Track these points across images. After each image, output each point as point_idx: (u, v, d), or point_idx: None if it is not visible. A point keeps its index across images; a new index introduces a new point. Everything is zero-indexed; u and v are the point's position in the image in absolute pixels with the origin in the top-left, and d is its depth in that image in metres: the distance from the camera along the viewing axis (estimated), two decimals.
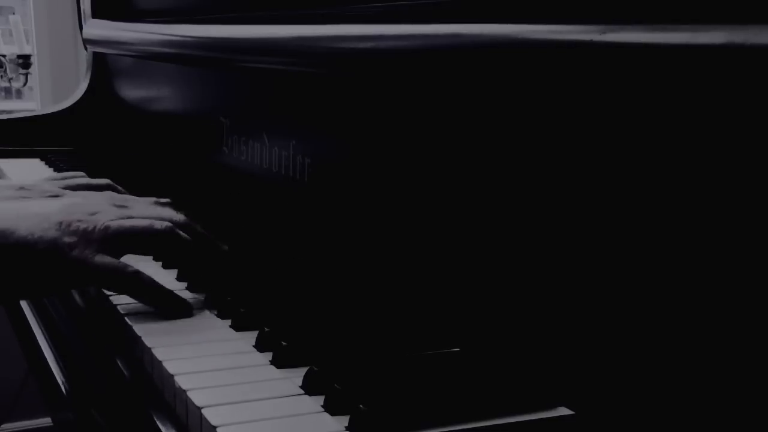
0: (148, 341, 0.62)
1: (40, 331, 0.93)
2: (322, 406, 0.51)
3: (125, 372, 0.63)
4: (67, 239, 0.66)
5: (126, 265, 0.68)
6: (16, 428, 2.07)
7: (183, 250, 0.72)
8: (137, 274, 0.68)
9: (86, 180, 0.94)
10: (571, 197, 0.55)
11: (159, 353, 0.59)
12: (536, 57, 0.54)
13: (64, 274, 0.67)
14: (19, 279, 0.67)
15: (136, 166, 1.39)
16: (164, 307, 0.68)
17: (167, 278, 0.75)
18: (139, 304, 0.69)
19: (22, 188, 0.91)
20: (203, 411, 0.50)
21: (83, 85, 1.62)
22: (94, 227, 0.68)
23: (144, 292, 0.68)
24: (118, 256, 0.70)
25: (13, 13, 2.81)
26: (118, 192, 0.86)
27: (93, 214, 0.70)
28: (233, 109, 1.08)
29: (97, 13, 1.58)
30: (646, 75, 0.47)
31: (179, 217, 0.74)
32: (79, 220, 0.68)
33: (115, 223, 0.69)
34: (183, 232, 0.72)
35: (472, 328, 0.62)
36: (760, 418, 0.43)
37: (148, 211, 0.73)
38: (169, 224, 0.71)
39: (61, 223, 0.67)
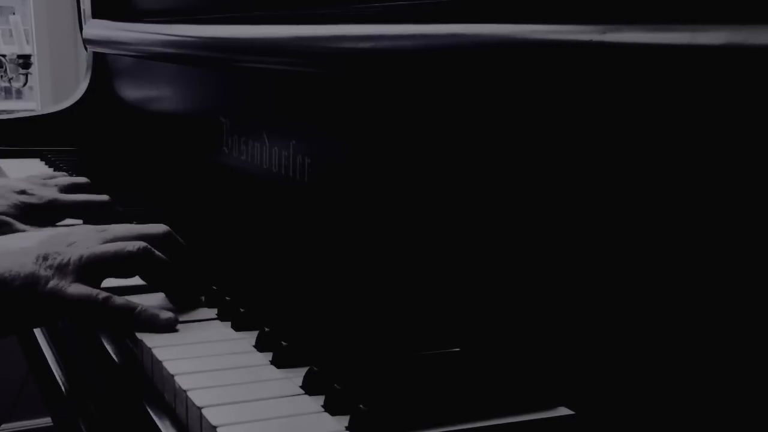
0: (148, 341, 0.62)
1: (39, 331, 0.93)
2: (322, 406, 0.51)
3: (125, 372, 0.63)
4: (42, 272, 0.65)
5: (98, 292, 0.66)
6: (16, 428, 2.07)
7: (158, 269, 0.70)
8: (107, 300, 0.65)
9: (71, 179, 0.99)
10: (571, 198, 0.55)
11: (159, 353, 0.59)
12: (536, 57, 0.54)
13: (38, 308, 0.65)
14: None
15: (136, 166, 1.39)
16: (146, 326, 0.66)
17: None
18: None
19: (23, 192, 0.93)
20: (203, 411, 0.50)
21: (83, 85, 1.62)
22: (69, 258, 0.66)
23: (117, 317, 0.66)
24: (98, 283, 0.68)
25: (13, 13, 2.81)
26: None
27: (71, 244, 0.68)
28: (233, 109, 1.08)
29: (97, 13, 1.58)
30: (646, 75, 0.47)
31: (159, 228, 0.72)
32: (57, 252, 0.67)
33: (87, 251, 0.67)
34: (166, 244, 0.71)
35: (472, 328, 0.62)
36: (759, 417, 0.43)
37: (128, 230, 0.71)
38: (143, 244, 0.68)
39: (38, 257, 0.66)
